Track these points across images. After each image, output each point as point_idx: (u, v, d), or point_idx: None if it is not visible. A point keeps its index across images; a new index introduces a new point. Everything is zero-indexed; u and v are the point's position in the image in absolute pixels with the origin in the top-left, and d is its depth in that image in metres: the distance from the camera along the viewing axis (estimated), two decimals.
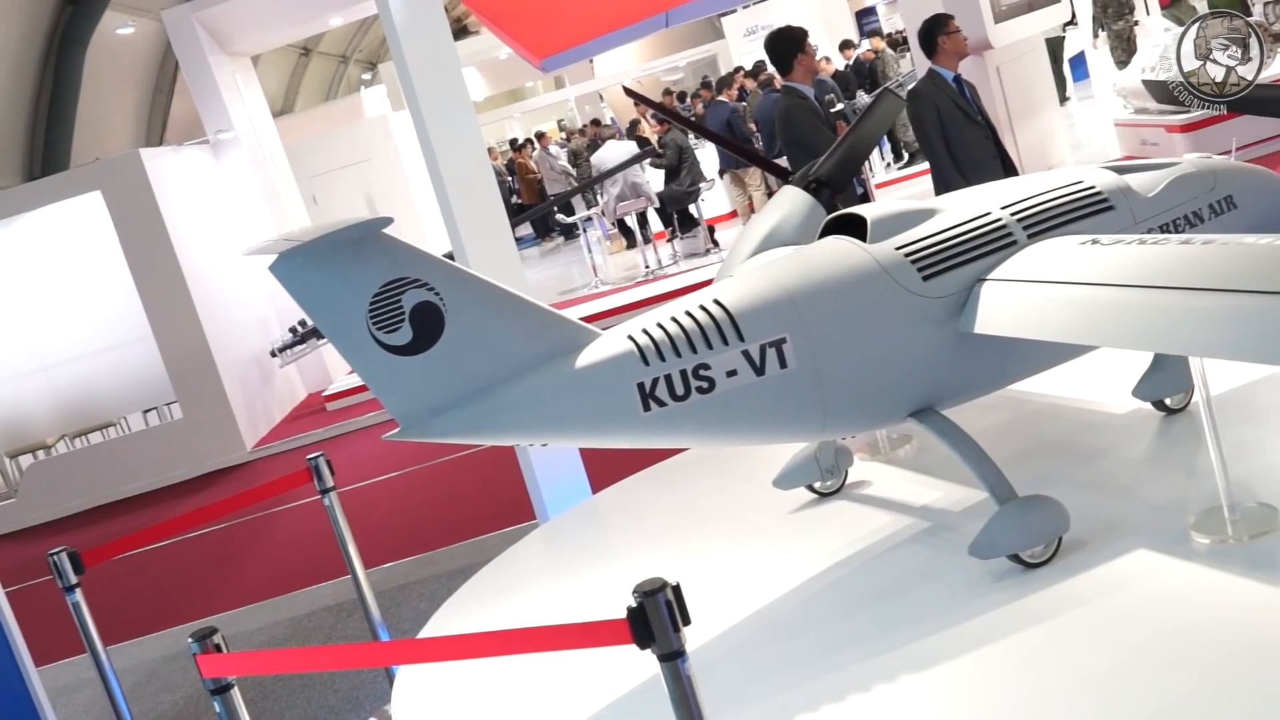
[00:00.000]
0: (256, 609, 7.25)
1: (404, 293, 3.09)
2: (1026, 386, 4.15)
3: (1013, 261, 3.42)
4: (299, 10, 14.03)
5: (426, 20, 5.31)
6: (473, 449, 8.58)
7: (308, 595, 7.11)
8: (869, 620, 3.31)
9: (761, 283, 3.39)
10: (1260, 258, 2.75)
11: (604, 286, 15.38)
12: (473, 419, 3.18)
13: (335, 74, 36.21)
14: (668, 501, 4.83)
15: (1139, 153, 11.85)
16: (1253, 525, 3.18)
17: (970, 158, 6.35)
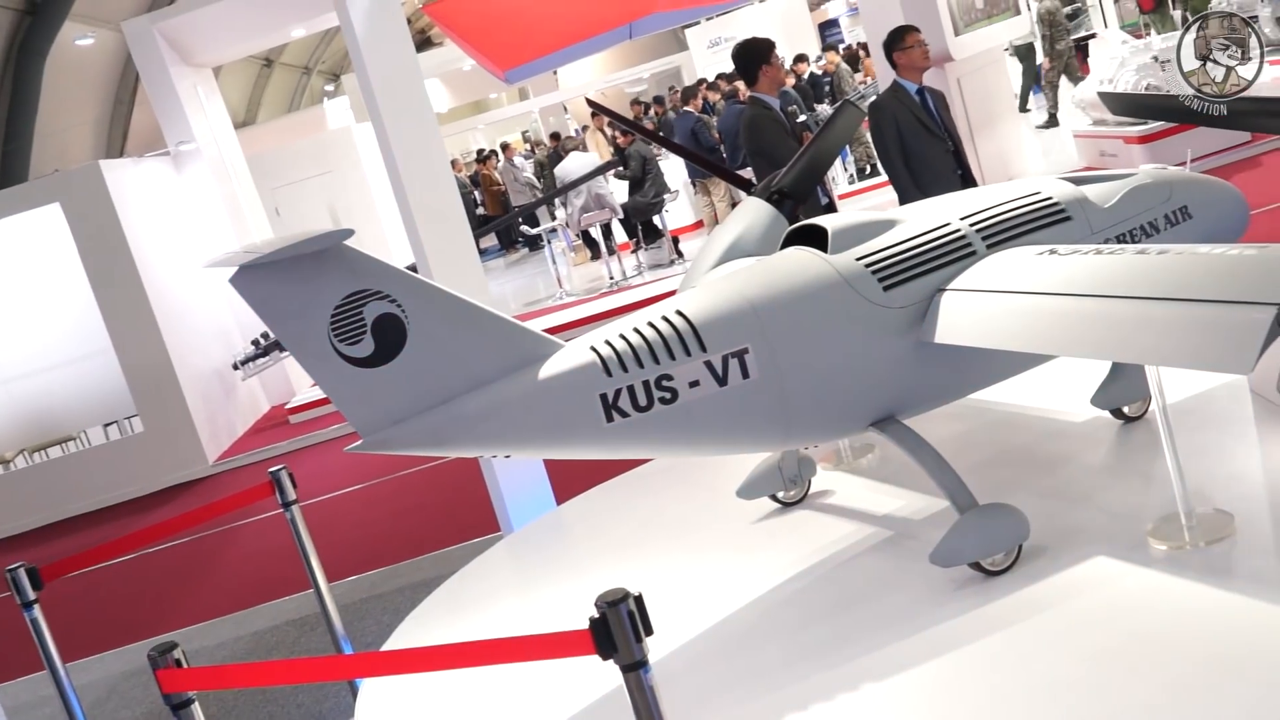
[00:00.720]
0: (218, 624, 7.18)
1: (365, 305, 3.09)
2: (987, 395, 4.18)
3: (972, 271, 3.45)
4: (261, 21, 13.96)
5: (388, 32, 5.30)
6: (437, 461, 8.55)
7: (270, 610, 7.06)
8: (831, 629, 3.32)
9: (723, 293, 3.41)
10: (1214, 268, 2.79)
11: (569, 298, 15.37)
12: (435, 430, 3.18)
13: (298, 85, 36.06)
14: (632, 512, 4.84)
15: (1098, 163, 11.97)
16: (1209, 531, 3.22)
17: (929, 171, 6.38)
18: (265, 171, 15.77)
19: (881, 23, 9.26)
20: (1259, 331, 2.50)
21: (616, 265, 15.73)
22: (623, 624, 2.28)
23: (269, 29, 14.91)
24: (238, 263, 3.00)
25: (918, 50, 6.64)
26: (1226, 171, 9.90)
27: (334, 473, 10.08)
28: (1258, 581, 2.99)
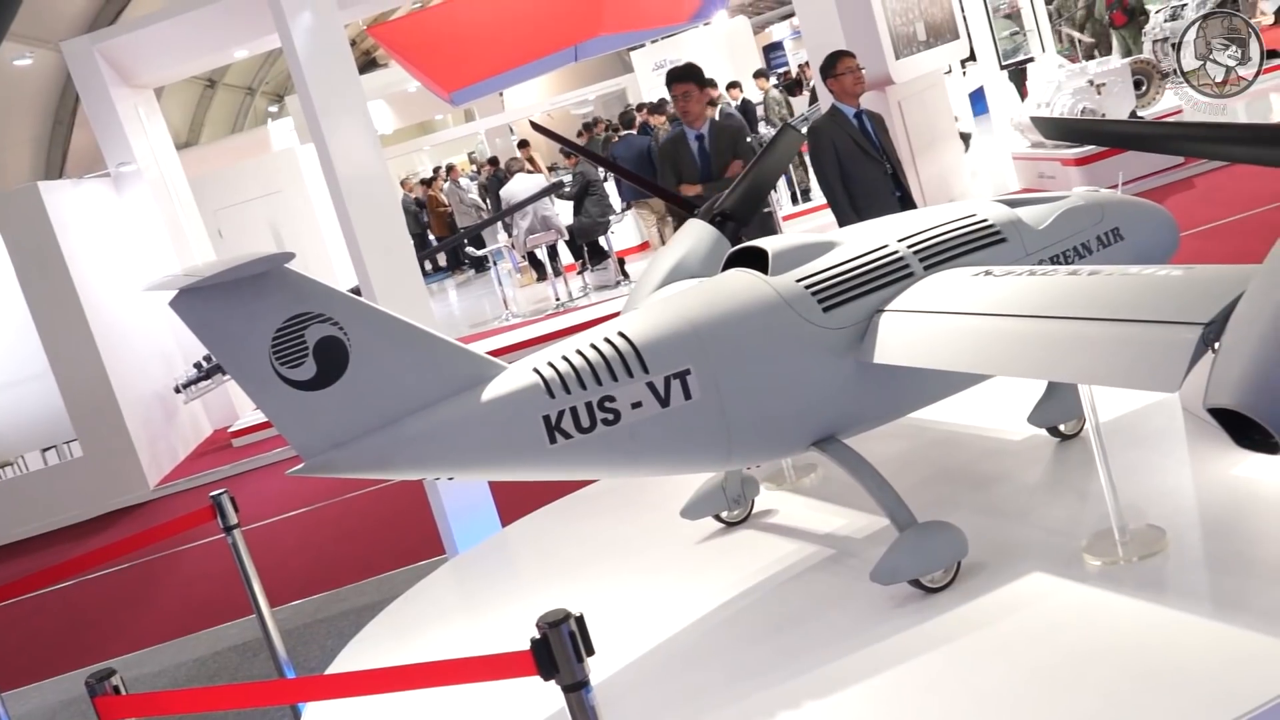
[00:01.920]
0: (159, 650, 7.09)
1: (307, 327, 3.08)
2: (927, 414, 4.24)
3: (910, 292, 3.50)
4: (202, 42, 13.87)
5: (330, 54, 5.30)
6: (381, 484, 8.51)
7: (212, 635, 6.98)
8: (773, 648, 3.35)
9: (665, 315, 3.43)
10: (1143, 288, 2.85)
11: (515, 319, 15.36)
12: (378, 453, 3.17)
13: (241, 106, 35.80)
14: (577, 533, 4.84)
15: (1037, 185, 12.17)
16: (1142, 547, 3.28)
17: (867, 194, 6.46)
18: (208, 193, 15.66)
19: (823, 46, 9.38)
20: (1186, 351, 2.56)
21: (562, 286, 15.76)
22: (564, 644, 2.29)
23: (211, 50, 14.82)
24: (177, 286, 2.99)
25: (849, 77, 6.72)
26: (1160, 193, 10.11)
27: (278, 496, 10.00)
28: (1189, 596, 3.05)
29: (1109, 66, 12.24)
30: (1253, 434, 2.37)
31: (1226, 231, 8.35)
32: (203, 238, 14.85)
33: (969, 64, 17.56)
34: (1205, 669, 2.73)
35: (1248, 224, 8.23)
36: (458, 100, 18.99)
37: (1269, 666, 2.66)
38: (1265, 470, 3.55)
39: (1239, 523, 3.37)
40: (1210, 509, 3.48)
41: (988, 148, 16.25)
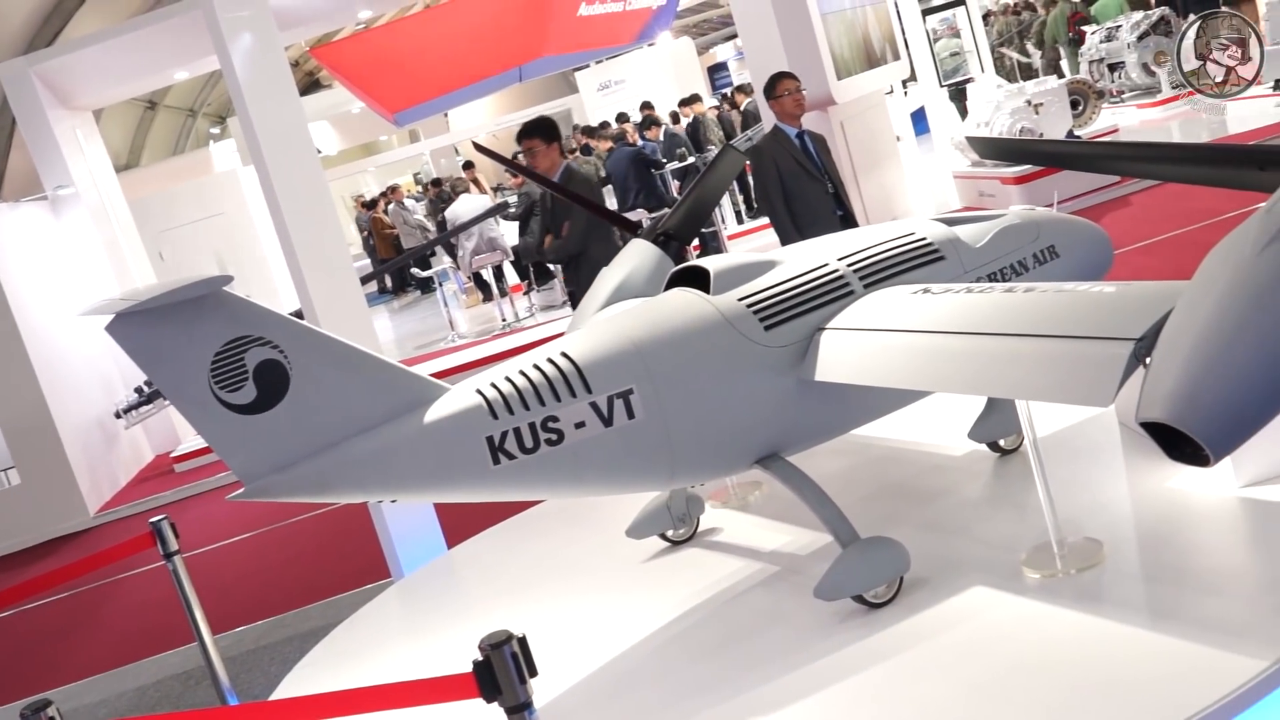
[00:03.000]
0: (100, 680, 6.98)
1: (246, 351, 3.06)
2: (869, 431, 4.28)
3: (850, 310, 3.53)
4: (141, 64, 13.72)
5: (271, 76, 5.28)
6: (326, 507, 8.44)
7: (154, 664, 6.88)
8: (718, 666, 3.35)
9: (608, 335, 3.44)
10: (1076, 305, 2.90)
11: (460, 340, 15.31)
12: (320, 476, 3.15)
13: (183, 128, 35.43)
14: (523, 554, 4.83)
15: (977, 203, 12.32)
16: (1080, 559, 3.33)
17: (809, 213, 6.52)
18: (149, 215, 15.50)
19: (765, 67, 9.46)
20: (1118, 366, 2.61)
21: (508, 307, 15.73)
22: (506, 666, 2.29)
23: (150, 72, 14.67)
24: (114, 310, 2.96)
25: (789, 98, 6.78)
26: (1096, 211, 10.27)
27: (222, 521, 9.88)
28: (1125, 607, 3.09)
29: (1046, 87, 12.44)
30: (1184, 447, 2.41)
31: (1161, 248, 8.50)
32: (143, 261, 14.67)
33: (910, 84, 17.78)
34: (1141, 679, 2.77)
35: (1180, 240, 8.38)
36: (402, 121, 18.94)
37: (1203, 676, 2.70)
38: (1198, 483, 3.62)
39: (1174, 535, 3.43)
40: (1146, 521, 3.54)
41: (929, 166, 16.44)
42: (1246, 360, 2.36)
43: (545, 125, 7.01)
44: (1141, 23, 16.14)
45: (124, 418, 12.73)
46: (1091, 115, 13.81)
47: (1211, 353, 2.38)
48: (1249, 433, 2.39)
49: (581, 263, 6.84)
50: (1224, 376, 2.35)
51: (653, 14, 19.62)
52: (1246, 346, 2.36)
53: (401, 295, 23.58)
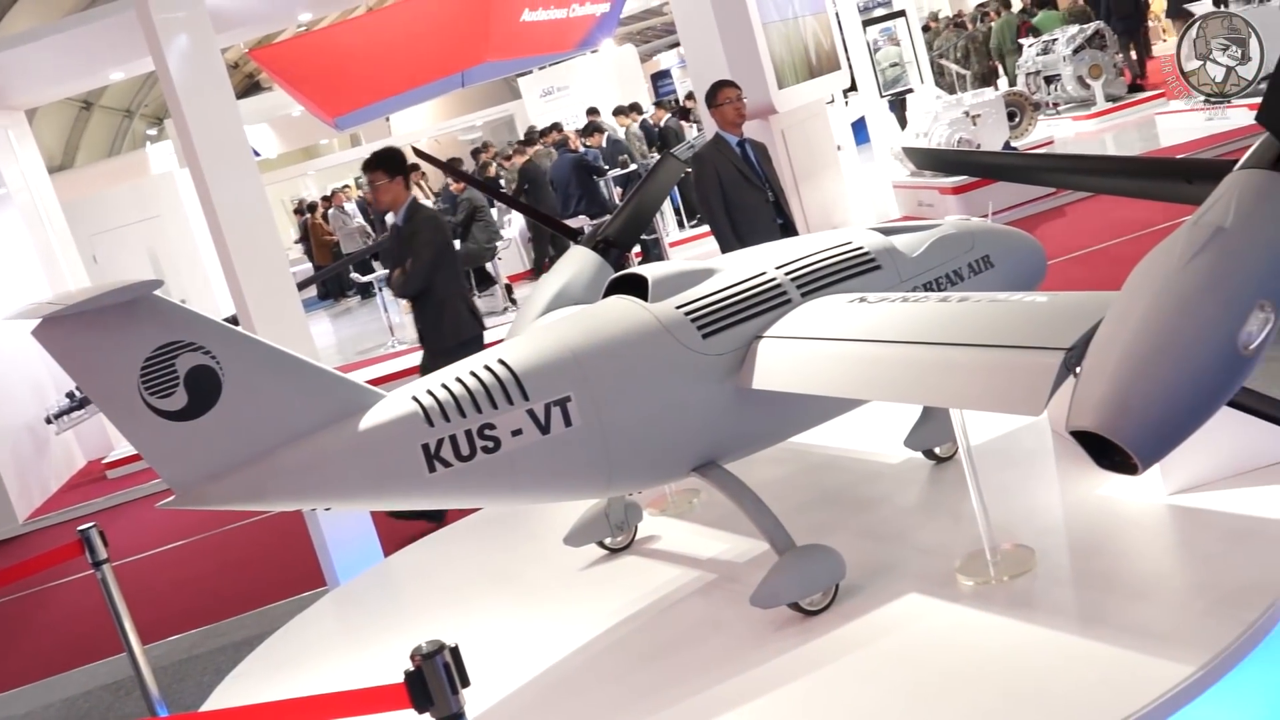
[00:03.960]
0: (27, 691, 6.84)
1: (178, 356, 3.02)
2: (807, 439, 4.30)
3: (787, 319, 3.55)
4: (75, 64, 13.50)
5: (207, 77, 5.22)
6: (261, 515, 8.34)
7: (83, 675, 6.76)
8: (653, 675, 3.35)
9: (545, 342, 3.43)
10: (1010, 314, 2.93)
11: (400, 346, 15.21)
12: (252, 484, 3.11)
13: (119, 129, 34.97)
14: (460, 562, 4.80)
15: (916, 213, 12.44)
16: (1012, 566, 3.37)
17: (749, 221, 6.55)
18: (83, 217, 15.26)
19: (707, 75, 9.50)
20: (1048, 375, 2.63)
21: None
22: (438, 676, 2.27)
23: (85, 72, 14.44)
24: (40, 314, 2.90)
25: (729, 107, 6.81)
26: (1031, 222, 10.41)
27: (155, 529, 9.73)
28: (1057, 613, 3.13)
29: (984, 98, 12.60)
30: (1113, 455, 2.44)
31: (1094, 259, 8.63)
32: (77, 264, 14.44)
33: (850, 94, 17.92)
34: (1073, 685, 2.80)
35: (1113, 251, 8.51)
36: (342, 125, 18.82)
37: (1133, 681, 2.74)
38: (1128, 490, 3.67)
39: (1104, 541, 3.47)
40: (1077, 528, 3.58)
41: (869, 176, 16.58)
42: (1173, 370, 2.39)
43: (388, 157, 6.64)
44: (1076, 36, 16.41)
45: (55, 423, 12.51)
46: (1028, 127, 14.01)
47: (1139, 362, 2.41)
48: (1176, 441, 2.43)
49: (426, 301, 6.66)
50: (1151, 386, 2.39)
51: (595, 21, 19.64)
52: (1173, 356, 2.40)
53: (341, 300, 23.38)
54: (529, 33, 18.67)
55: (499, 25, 18.13)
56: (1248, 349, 2.42)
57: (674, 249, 15.25)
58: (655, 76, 33.66)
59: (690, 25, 10.88)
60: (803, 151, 11.28)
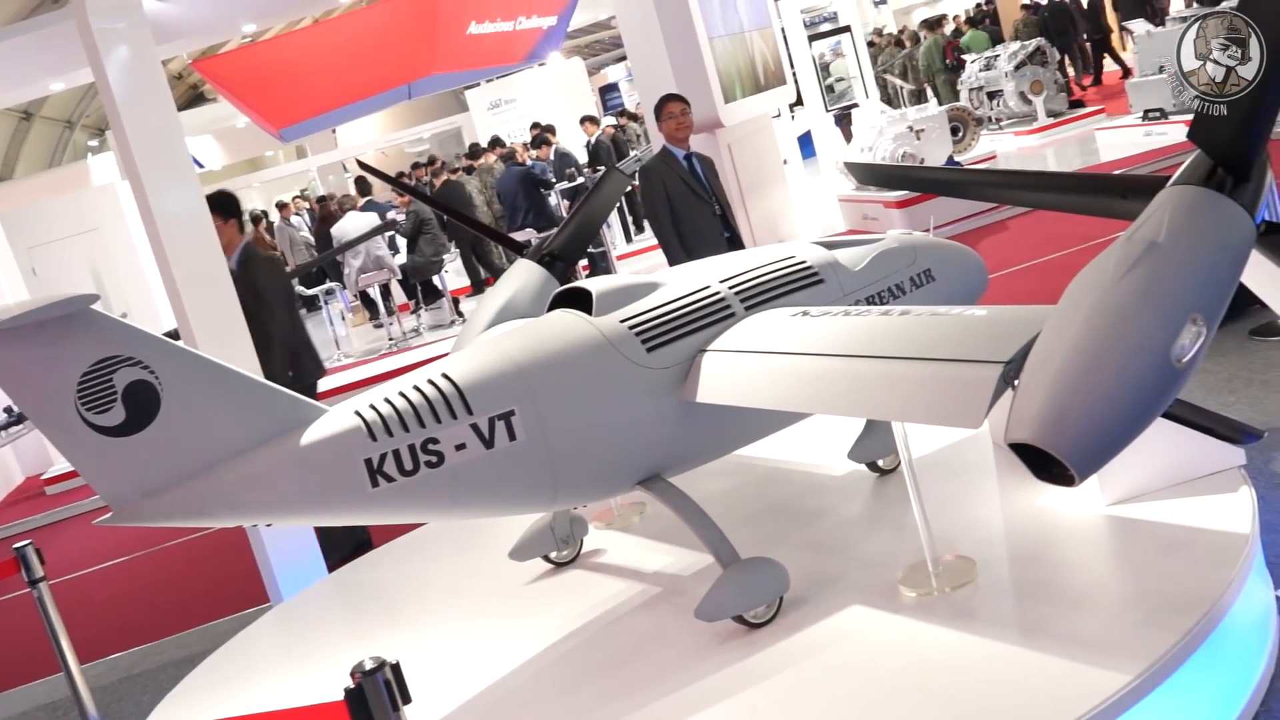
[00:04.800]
0: None
1: (115, 371, 2.98)
2: (751, 452, 4.32)
3: (731, 333, 3.56)
4: (14, 74, 13.24)
5: (147, 89, 5.15)
6: (203, 531, 8.23)
7: (19, 695, 6.62)
8: (598, 690, 3.35)
9: (489, 356, 3.42)
10: (950, 328, 2.97)
11: (347, 359, 15.09)
12: (192, 500, 3.08)
13: (60, 140, 34.45)
14: (405, 577, 4.78)
15: (861, 226, 12.53)
16: (953, 577, 3.40)
17: (696, 234, 6.56)
18: (21, 230, 15.01)
19: (654, 89, 9.52)
20: (987, 388, 2.66)
21: (396, 326, 15.56)
22: (379, 694, 2.25)
23: (23, 82, 14.17)
24: None
25: (671, 121, 6.82)
26: (973, 236, 10.51)
27: (95, 546, 9.57)
28: (997, 624, 3.16)
29: (928, 113, 12.73)
30: (1051, 467, 2.47)
31: (1034, 272, 8.72)
32: (15, 277, 14.21)
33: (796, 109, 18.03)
34: (1013, 695, 2.84)
35: (1053, 265, 8.61)
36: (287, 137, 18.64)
37: (1072, 690, 2.78)
38: (1067, 502, 3.72)
39: (1044, 552, 3.52)
40: (1017, 539, 3.63)
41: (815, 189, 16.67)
42: (1109, 383, 2.43)
43: (220, 200, 6.45)
44: (1018, 53, 16.63)
45: None
46: (971, 141, 14.16)
47: (1075, 376, 2.45)
48: (1112, 453, 2.46)
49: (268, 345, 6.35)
50: (1087, 399, 2.42)
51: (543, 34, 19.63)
52: (1108, 370, 2.43)
53: None
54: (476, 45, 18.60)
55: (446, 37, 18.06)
56: (1181, 362, 2.47)
57: (621, 262, 15.26)
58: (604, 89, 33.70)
59: (636, 39, 10.90)
60: (749, 165, 11.30)
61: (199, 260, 5.17)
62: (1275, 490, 4.24)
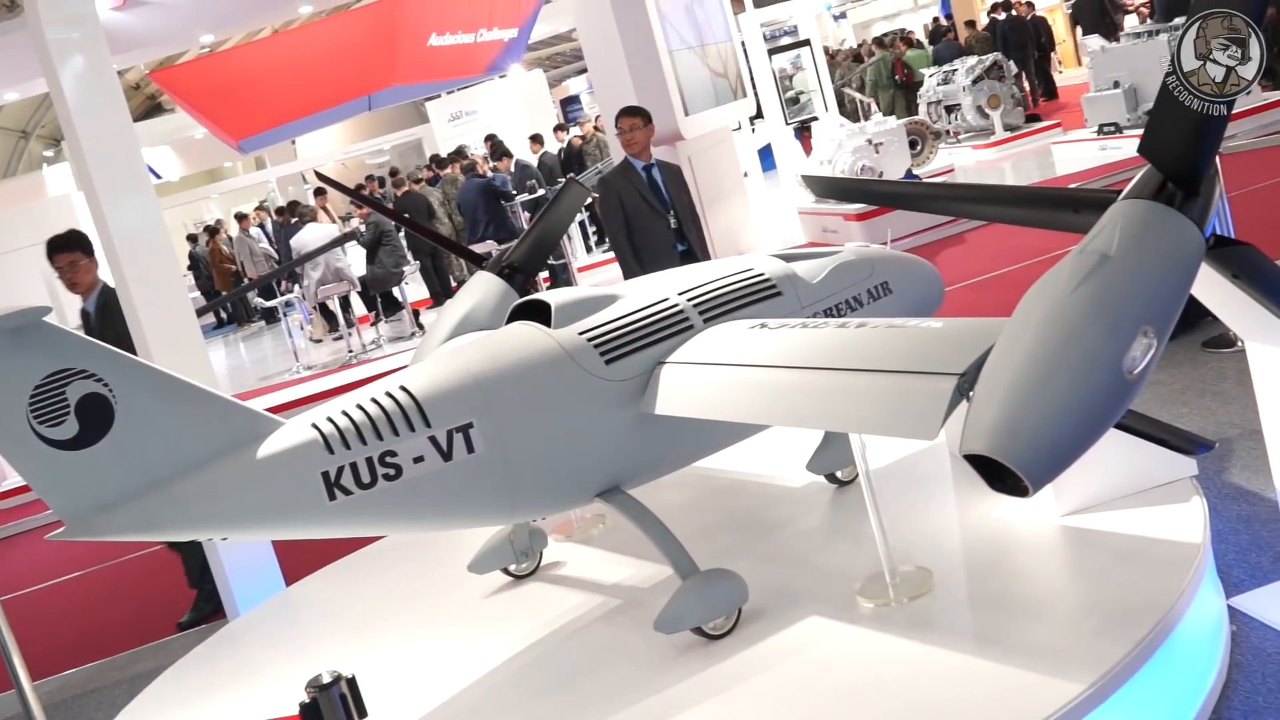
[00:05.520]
0: None
1: (69, 384, 2.95)
2: (711, 464, 4.33)
3: (689, 345, 3.57)
4: None
5: (102, 99, 5.11)
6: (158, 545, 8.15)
7: None
8: (557, 704, 3.34)
9: (447, 368, 3.42)
10: (906, 340, 2.99)
11: (306, 372, 14.99)
12: (146, 515, 3.04)
13: (15, 150, 34.09)
14: (363, 591, 4.75)
15: (821, 239, 12.59)
16: (911, 588, 3.42)
17: (650, 247, 6.56)
18: None
19: (615, 101, 9.54)
20: (942, 400, 2.69)
21: (355, 338, 15.48)
22: (334, 708, 2.24)
23: None
24: None
25: (621, 136, 6.84)
26: (931, 249, 10.59)
27: (49, 561, 9.45)
28: (953, 634, 3.19)
29: (886, 127, 12.83)
30: (1005, 478, 2.49)
31: (991, 285, 8.80)
32: None
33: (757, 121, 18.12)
34: (969, 705, 2.86)
35: (1010, 278, 8.69)
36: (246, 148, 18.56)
37: (1027, 700, 2.80)
38: (1023, 512, 3.75)
39: (999, 562, 3.55)
40: (974, 550, 3.65)
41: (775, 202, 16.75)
42: (1061, 395, 2.45)
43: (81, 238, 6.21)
44: (975, 67, 16.80)
45: None
46: (929, 155, 14.29)
47: (1029, 388, 2.47)
48: (1065, 464, 2.49)
49: None
50: (1040, 411, 2.44)
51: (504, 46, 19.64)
52: (1061, 382, 2.46)
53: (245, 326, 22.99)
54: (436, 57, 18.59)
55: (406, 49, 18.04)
56: (1132, 373, 2.50)
57: (583, 274, 15.27)
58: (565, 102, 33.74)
59: (597, 51, 10.92)
60: (710, 177, 11.34)
61: (154, 272, 5.12)
62: (1227, 500, 4.29)
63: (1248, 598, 3.61)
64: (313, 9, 15.08)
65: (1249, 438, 4.73)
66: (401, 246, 15.31)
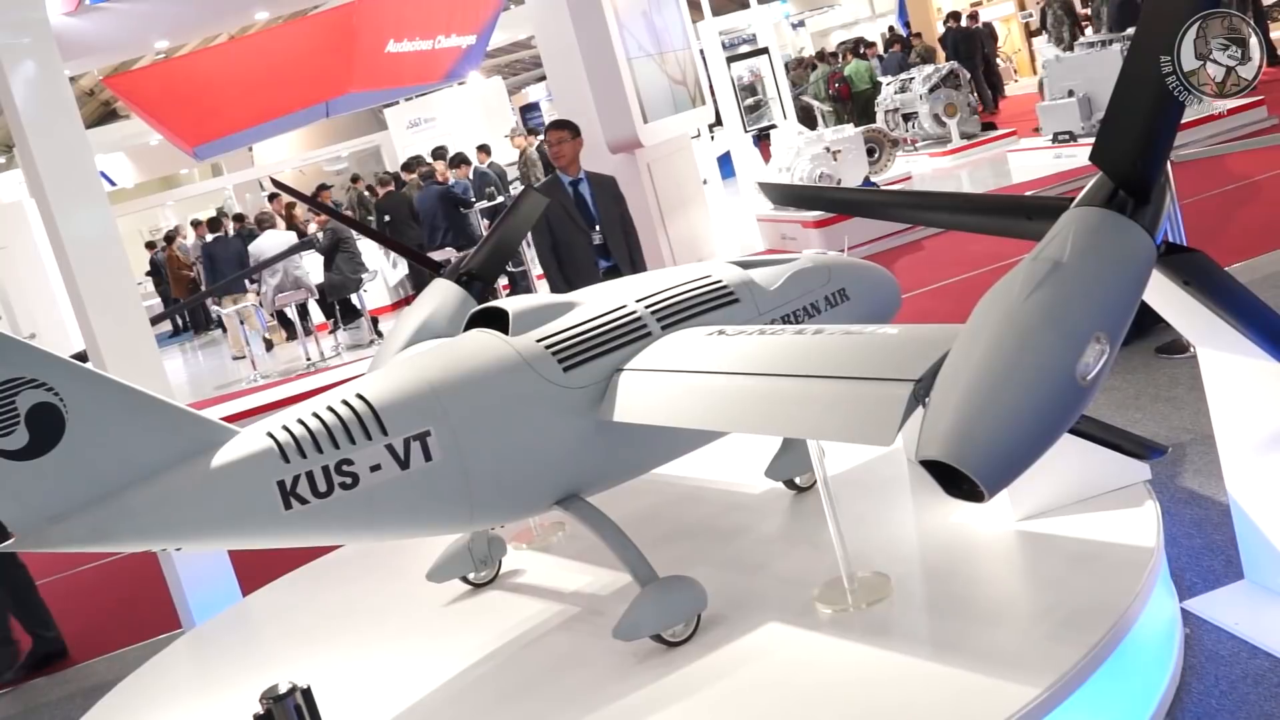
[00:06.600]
0: None
1: (18, 394, 2.91)
2: (669, 470, 4.32)
3: (647, 352, 3.57)
4: None
5: (54, 106, 5.06)
6: (113, 555, 8.05)
7: None
8: (516, 712, 3.33)
9: (404, 376, 3.40)
10: (862, 347, 3.00)
11: (263, 380, 14.87)
12: (98, 525, 3.01)
13: None
14: (320, 601, 4.72)
15: (780, 246, 12.64)
16: (869, 593, 3.44)
17: (573, 262, 6.55)
18: None
19: (574, 108, 9.55)
20: (898, 406, 2.70)
21: (314, 346, 15.38)
22: (289, 719, 2.22)
23: None
24: None
25: (551, 149, 6.82)
26: (889, 256, 10.65)
27: None
28: (911, 639, 3.20)
29: (845, 134, 12.91)
30: (961, 484, 2.51)
31: (948, 291, 8.87)
32: None
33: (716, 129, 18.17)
34: (926, 709, 2.87)
35: (967, 284, 8.75)
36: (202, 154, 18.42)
37: (983, 704, 2.82)
38: (980, 517, 3.78)
39: (957, 567, 3.57)
40: (931, 555, 3.68)
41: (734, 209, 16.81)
42: (1015, 401, 2.47)
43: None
44: (932, 76, 16.94)
45: None
46: (887, 163, 14.39)
47: (983, 394, 2.49)
48: (1020, 469, 2.50)
49: None
50: (995, 416, 2.46)
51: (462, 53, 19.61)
52: (1015, 388, 2.48)
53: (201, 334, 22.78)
54: (395, 64, 18.53)
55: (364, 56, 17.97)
56: (1085, 379, 2.52)
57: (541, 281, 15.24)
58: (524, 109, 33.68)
59: (555, 59, 10.92)
60: (669, 185, 11.36)
61: (107, 281, 5.07)
62: (1179, 504, 4.34)
63: (1201, 601, 3.66)
64: (269, 15, 15.00)
65: (1201, 442, 4.79)
66: (359, 254, 15.22)
